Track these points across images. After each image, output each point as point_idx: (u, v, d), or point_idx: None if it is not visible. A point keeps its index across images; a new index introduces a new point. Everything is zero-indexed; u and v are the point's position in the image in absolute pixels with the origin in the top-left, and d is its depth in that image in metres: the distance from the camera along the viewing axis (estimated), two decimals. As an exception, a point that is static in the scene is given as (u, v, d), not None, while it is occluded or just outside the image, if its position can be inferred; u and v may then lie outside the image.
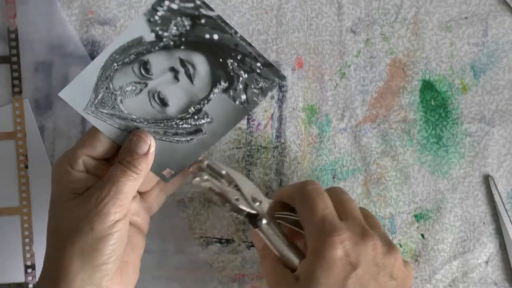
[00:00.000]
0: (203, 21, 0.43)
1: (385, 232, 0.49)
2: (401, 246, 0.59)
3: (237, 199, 0.49)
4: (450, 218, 0.59)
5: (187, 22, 0.43)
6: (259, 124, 0.58)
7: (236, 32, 0.44)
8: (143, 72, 0.45)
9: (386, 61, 0.59)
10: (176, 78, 0.46)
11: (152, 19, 0.43)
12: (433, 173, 0.59)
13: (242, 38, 0.44)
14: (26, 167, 0.58)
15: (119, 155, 0.47)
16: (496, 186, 0.58)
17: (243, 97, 0.47)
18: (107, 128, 0.47)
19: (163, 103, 0.47)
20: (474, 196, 0.59)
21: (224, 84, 0.46)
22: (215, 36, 0.44)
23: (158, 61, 0.45)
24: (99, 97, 0.46)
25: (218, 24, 0.44)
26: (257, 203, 0.49)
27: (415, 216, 0.59)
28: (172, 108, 0.47)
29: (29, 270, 0.58)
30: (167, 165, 0.49)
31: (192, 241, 0.58)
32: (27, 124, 0.57)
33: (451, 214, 0.59)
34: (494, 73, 0.58)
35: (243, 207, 0.49)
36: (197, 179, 0.48)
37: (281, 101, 0.58)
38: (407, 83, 0.59)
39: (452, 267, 0.59)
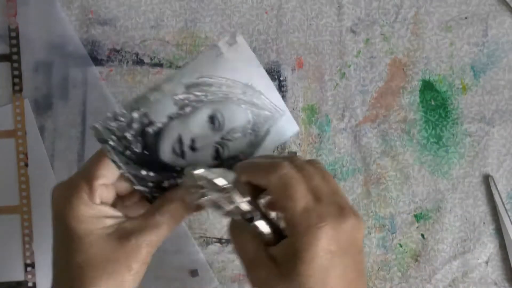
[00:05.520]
0: None
1: (335, 191, 0.45)
2: (401, 246, 0.59)
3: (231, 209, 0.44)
4: (450, 218, 0.59)
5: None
6: (259, 124, 0.58)
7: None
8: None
9: (386, 61, 0.59)
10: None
11: None
12: (433, 173, 0.59)
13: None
14: (26, 165, 0.58)
15: (164, 205, 0.45)
16: (496, 186, 0.58)
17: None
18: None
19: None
20: (474, 196, 0.59)
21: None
22: None
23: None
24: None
25: None
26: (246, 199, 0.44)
27: (415, 216, 0.59)
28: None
29: (29, 269, 0.58)
30: None
31: (192, 241, 0.58)
32: (27, 122, 0.57)
33: (451, 214, 0.59)
34: (494, 73, 0.59)
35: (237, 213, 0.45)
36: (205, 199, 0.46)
37: (281, 101, 0.58)
38: (407, 83, 0.59)
39: (452, 267, 0.59)
